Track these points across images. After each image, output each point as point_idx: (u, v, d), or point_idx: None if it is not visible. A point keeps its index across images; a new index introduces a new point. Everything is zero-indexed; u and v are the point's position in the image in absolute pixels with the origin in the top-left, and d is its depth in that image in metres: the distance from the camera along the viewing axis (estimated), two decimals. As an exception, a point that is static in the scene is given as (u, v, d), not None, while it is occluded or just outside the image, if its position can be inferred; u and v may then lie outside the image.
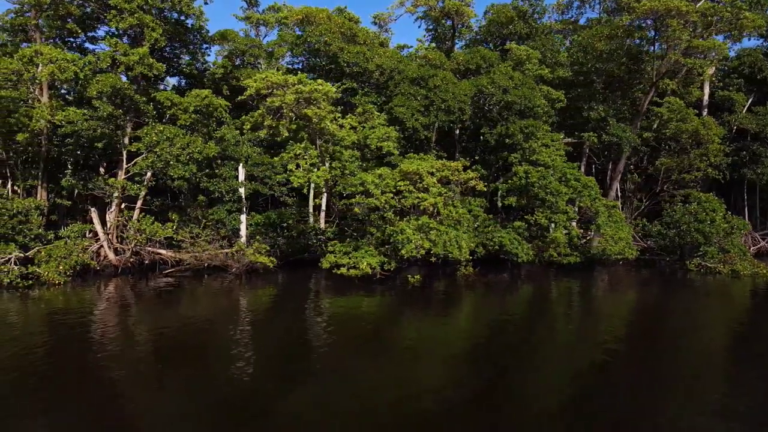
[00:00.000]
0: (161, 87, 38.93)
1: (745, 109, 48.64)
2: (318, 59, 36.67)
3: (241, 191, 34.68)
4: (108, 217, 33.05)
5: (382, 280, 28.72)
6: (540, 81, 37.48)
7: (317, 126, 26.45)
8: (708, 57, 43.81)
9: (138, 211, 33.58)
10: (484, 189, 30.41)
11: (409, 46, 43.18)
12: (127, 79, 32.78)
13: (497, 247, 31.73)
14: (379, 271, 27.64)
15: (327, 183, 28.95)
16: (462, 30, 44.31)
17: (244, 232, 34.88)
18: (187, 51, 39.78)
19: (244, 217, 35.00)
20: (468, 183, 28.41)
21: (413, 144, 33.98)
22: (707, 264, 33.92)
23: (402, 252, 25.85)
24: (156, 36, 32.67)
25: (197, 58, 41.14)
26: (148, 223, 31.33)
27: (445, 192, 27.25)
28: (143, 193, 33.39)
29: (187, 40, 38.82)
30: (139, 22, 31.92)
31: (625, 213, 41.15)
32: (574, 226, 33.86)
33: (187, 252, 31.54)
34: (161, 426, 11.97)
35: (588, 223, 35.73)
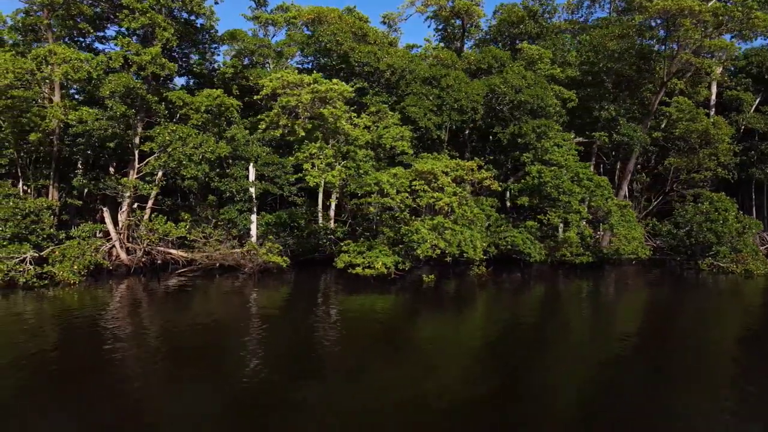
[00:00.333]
0: (169, 87, 38.93)
1: (753, 109, 48.60)
2: (328, 59, 36.62)
3: (252, 191, 34.68)
4: (120, 217, 33.03)
5: (395, 279, 28.68)
6: (551, 80, 37.45)
7: (332, 125, 26.42)
8: (716, 57, 43.86)
9: (149, 211, 33.56)
10: (499, 189, 30.39)
11: (418, 45, 43.23)
12: (139, 79, 32.74)
13: (510, 247, 31.69)
14: (393, 271, 27.60)
15: (339, 183, 28.88)
16: (471, 30, 44.27)
17: (254, 231, 34.88)
18: (197, 51, 39.79)
19: (254, 217, 35.00)
20: (482, 183, 28.36)
21: (425, 144, 33.95)
22: (719, 264, 33.90)
23: (417, 252, 25.83)
24: (168, 36, 32.65)
25: (206, 57, 41.17)
26: (161, 223, 31.28)
27: (460, 192, 27.23)
28: (154, 193, 33.36)
29: (197, 39, 38.82)
30: (151, 21, 31.91)
31: (634, 212, 41.07)
32: (586, 225, 33.83)
33: (200, 252, 31.51)
34: (173, 424, 11.97)
35: (597, 223, 35.70)
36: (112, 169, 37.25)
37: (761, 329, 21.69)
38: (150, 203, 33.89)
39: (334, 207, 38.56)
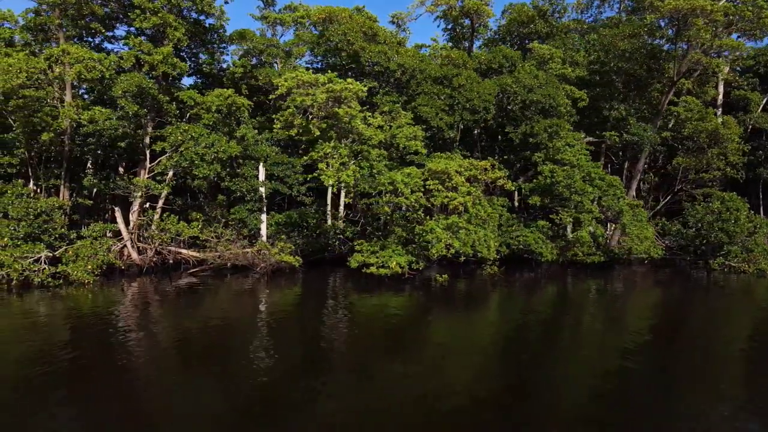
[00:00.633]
0: (178, 86, 38.92)
1: (761, 109, 48.62)
2: (338, 58, 36.60)
3: (262, 191, 34.68)
4: (131, 217, 33.01)
5: (407, 279, 28.69)
6: (562, 80, 37.44)
7: (346, 125, 26.42)
8: (722, 56, 43.87)
9: (160, 211, 33.55)
10: (512, 188, 30.38)
11: (427, 45, 43.18)
12: (150, 79, 32.73)
13: (522, 247, 31.69)
14: (407, 270, 27.60)
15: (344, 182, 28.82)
16: (479, 29, 44.26)
17: (264, 231, 34.88)
18: (206, 50, 39.78)
19: (264, 217, 35.00)
20: (495, 182, 28.36)
21: (436, 143, 33.94)
22: (731, 263, 33.89)
23: (432, 251, 25.82)
24: (179, 35, 32.67)
25: (215, 57, 41.17)
26: (173, 223, 31.27)
27: (474, 191, 27.22)
28: (165, 193, 33.33)
29: (206, 39, 38.82)
30: (163, 21, 31.92)
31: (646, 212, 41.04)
32: (598, 225, 33.83)
33: (212, 251, 31.48)
34: (181, 423, 11.96)
35: (607, 223, 35.69)
36: (121, 169, 37.28)
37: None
38: (160, 203, 33.89)
39: (343, 206, 38.64)
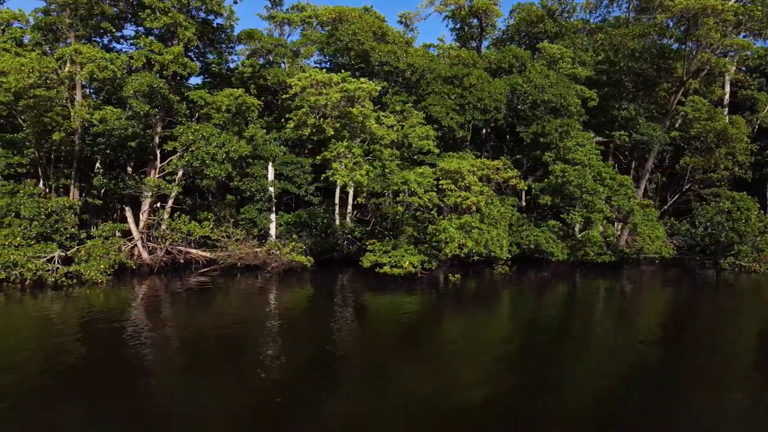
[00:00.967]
0: (186, 86, 38.92)
1: (768, 109, 48.58)
2: (347, 58, 36.58)
3: (271, 190, 34.70)
4: (140, 217, 33.00)
5: (420, 279, 28.69)
6: (571, 80, 37.44)
7: (359, 125, 26.41)
8: (728, 56, 43.86)
9: (169, 211, 33.53)
10: (525, 187, 30.38)
11: (435, 45, 43.18)
12: (161, 78, 32.72)
13: (532, 246, 31.69)
14: (419, 270, 27.60)
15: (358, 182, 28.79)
16: (487, 29, 44.29)
17: (273, 231, 34.89)
18: (215, 50, 39.77)
19: (273, 216, 35.02)
20: (507, 182, 28.36)
21: (446, 143, 33.93)
22: (741, 263, 33.89)
23: (445, 250, 25.82)
24: (189, 35, 32.67)
25: (223, 57, 41.14)
26: (184, 222, 31.26)
27: (487, 191, 27.23)
28: (174, 193, 33.31)
29: (214, 39, 38.81)
30: (173, 21, 31.92)
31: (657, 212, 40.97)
32: (609, 225, 33.82)
33: (223, 251, 31.47)
34: (189, 421, 11.98)
35: (617, 222, 35.67)
36: (129, 169, 37.23)
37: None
38: (170, 203, 33.87)
39: (351, 206, 38.62)
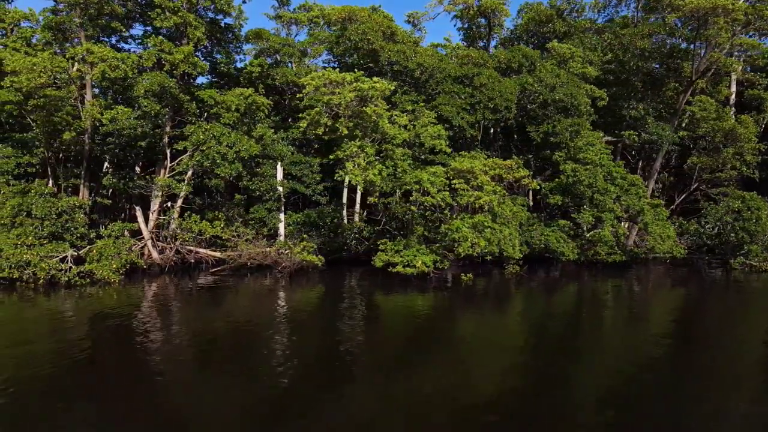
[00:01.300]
0: (195, 86, 38.89)
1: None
2: (356, 57, 36.56)
3: (280, 190, 34.72)
4: (150, 216, 32.97)
5: (430, 278, 28.71)
6: (582, 79, 37.40)
7: (371, 124, 26.40)
8: (734, 55, 43.81)
9: (179, 210, 33.50)
10: (537, 187, 30.35)
11: (442, 45, 43.11)
12: (172, 78, 32.68)
13: (543, 246, 31.68)
14: (432, 270, 27.59)
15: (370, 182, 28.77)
16: (495, 29, 44.30)
17: (282, 231, 34.90)
18: (223, 50, 39.73)
19: (282, 216, 35.02)
20: (519, 181, 28.36)
21: (456, 143, 33.92)
22: (751, 262, 33.88)
23: (458, 250, 25.81)
24: (199, 34, 32.64)
25: (231, 57, 41.10)
26: (195, 222, 31.25)
27: (500, 190, 27.22)
28: (183, 192, 33.27)
29: (222, 38, 38.78)
30: (183, 20, 31.89)
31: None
32: (620, 224, 33.80)
33: (233, 250, 31.46)
34: (199, 420, 12.00)
35: (627, 222, 35.64)
36: (138, 169, 37.21)
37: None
38: (179, 202, 33.84)
39: (359, 205, 38.62)
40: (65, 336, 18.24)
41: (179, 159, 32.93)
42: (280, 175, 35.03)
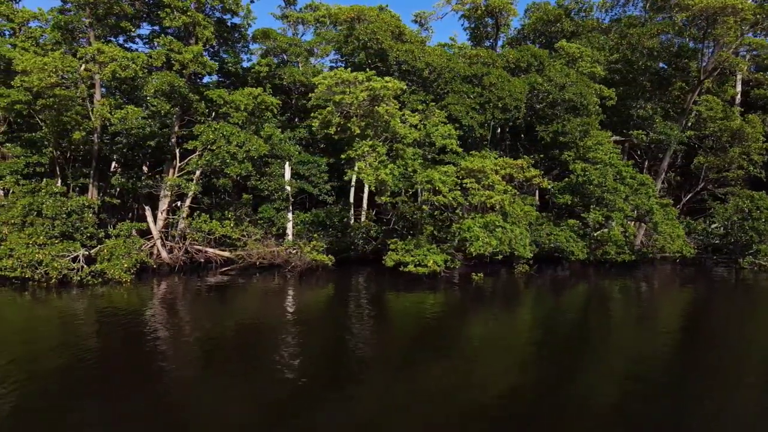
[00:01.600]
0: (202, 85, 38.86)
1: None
2: (364, 57, 36.53)
3: (288, 189, 34.72)
4: (158, 216, 32.94)
5: (441, 278, 28.72)
6: (591, 79, 37.40)
7: (383, 123, 26.39)
8: (739, 54, 43.79)
9: (187, 210, 33.48)
10: (548, 186, 30.35)
11: (449, 44, 43.12)
12: (182, 78, 32.67)
13: (553, 245, 31.69)
14: (443, 269, 27.60)
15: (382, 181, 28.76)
16: (502, 29, 44.30)
17: (290, 230, 34.90)
18: (230, 49, 39.72)
19: (290, 216, 35.03)
20: (531, 181, 28.36)
21: (465, 142, 33.91)
22: (761, 262, 33.88)
23: (470, 249, 25.83)
24: (208, 34, 32.63)
25: (238, 56, 41.09)
26: (205, 221, 31.23)
27: (511, 190, 27.23)
28: (192, 192, 33.25)
29: (230, 38, 38.77)
30: (192, 20, 31.88)
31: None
32: (629, 224, 33.79)
33: (244, 250, 31.46)
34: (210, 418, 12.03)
35: (636, 221, 35.61)
36: (145, 168, 37.21)
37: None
38: (188, 202, 33.83)
39: (366, 205, 38.63)
40: (77, 335, 18.32)
41: (188, 158, 32.90)
42: (288, 175, 35.04)
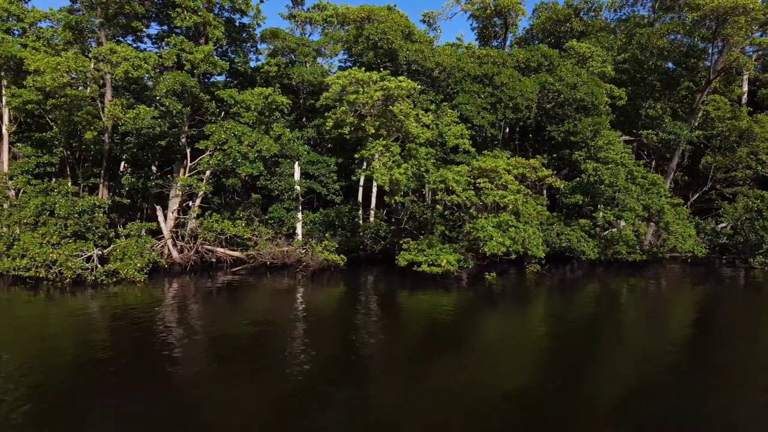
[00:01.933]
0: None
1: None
2: (373, 56, 36.52)
3: (298, 189, 34.73)
4: (170, 216, 32.94)
5: (451, 277, 28.74)
6: (602, 78, 37.41)
7: (396, 123, 26.39)
8: (746, 54, 43.79)
9: (198, 210, 33.47)
10: (561, 186, 30.35)
11: (457, 44, 43.07)
12: (193, 77, 32.67)
13: (564, 245, 31.71)
14: (456, 269, 27.61)
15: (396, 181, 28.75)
16: (510, 28, 44.29)
17: (300, 230, 34.91)
18: (239, 49, 39.72)
19: (300, 215, 35.03)
20: (543, 180, 28.37)
21: (476, 142, 33.91)
22: (771, 262, 33.93)
23: (484, 249, 25.84)
24: (218, 34, 32.65)
25: (246, 56, 41.09)
26: (216, 221, 31.23)
27: (524, 189, 27.25)
28: (202, 192, 33.26)
29: (239, 38, 38.78)
30: (203, 20, 31.90)
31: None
32: (641, 223, 33.79)
33: (255, 250, 31.46)
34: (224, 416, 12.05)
35: (647, 221, 35.61)
36: (154, 168, 37.21)
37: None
38: (198, 202, 33.83)
39: (374, 204, 38.63)
40: (92, 333, 18.42)
41: (199, 158, 32.90)
42: (297, 175, 35.04)
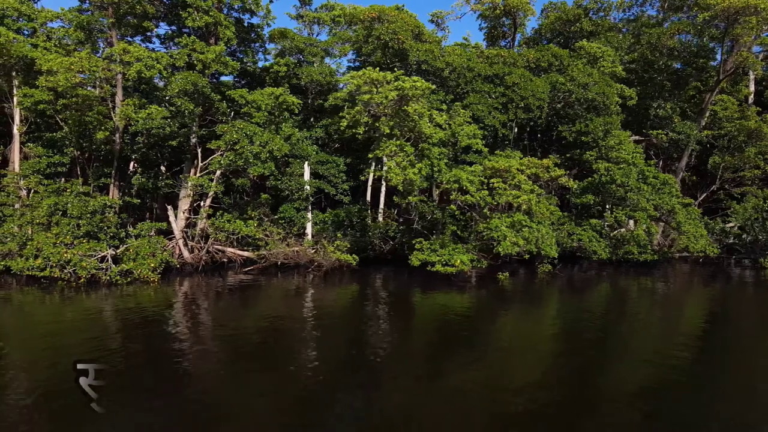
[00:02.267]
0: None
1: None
2: (380, 56, 36.54)
3: (308, 189, 34.74)
4: (181, 215, 32.93)
5: (462, 277, 28.76)
6: (613, 78, 37.44)
7: (410, 123, 26.40)
8: (753, 53, 43.83)
9: (209, 209, 33.47)
10: (574, 186, 30.36)
11: (466, 44, 43.06)
12: (204, 77, 32.67)
13: (575, 245, 31.72)
14: (470, 268, 27.62)
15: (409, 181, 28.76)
16: (519, 28, 44.33)
17: (310, 230, 34.93)
18: (248, 49, 39.72)
19: (310, 215, 35.05)
20: (557, 180, 28.39)
21: (487, 142, 33.93)
22: (781, 261, 33.93)
23: (498, 249, 25.85)
24: (229, 34, 32.67)
25: (255, 56, 41.09)
26: (228, 221, 31.23)
27: (537, 189, 27.27)
28: (213, 192, 33.25)
29: (248, 38, 38.82)
30: (214, 20, 31.92)
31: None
32: (652, 223, 33.80)
33: (266, 249, 31.46)
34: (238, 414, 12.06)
35: (658, 221, 35.62)
36: (163, 168, 37.22)
37: None
38: (208, 201, 33.82)
39: (383, 204, 38.62)
40: (107, 332, 18.48)
41: (210, 158, 32.90)
42: (307, 175, 35.06)
